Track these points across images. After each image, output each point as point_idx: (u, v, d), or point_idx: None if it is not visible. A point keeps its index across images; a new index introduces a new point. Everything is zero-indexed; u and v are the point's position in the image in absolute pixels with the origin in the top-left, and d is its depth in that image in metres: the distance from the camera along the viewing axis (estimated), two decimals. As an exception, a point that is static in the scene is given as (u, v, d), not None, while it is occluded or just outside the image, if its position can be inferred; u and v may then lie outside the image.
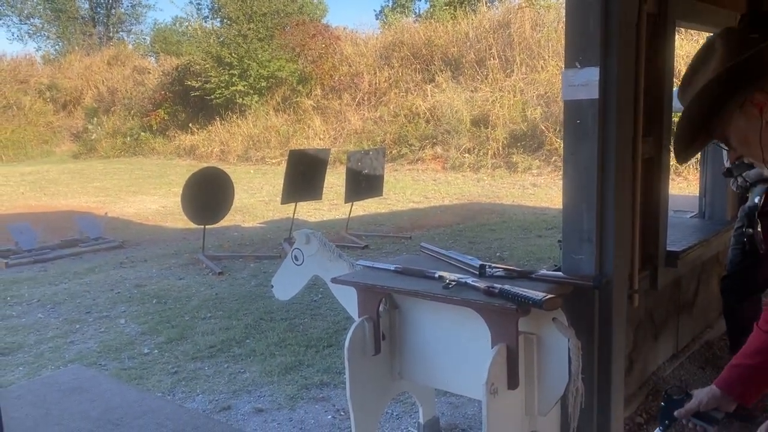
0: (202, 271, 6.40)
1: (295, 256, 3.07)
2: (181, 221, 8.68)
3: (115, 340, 4.46)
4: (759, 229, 2.77)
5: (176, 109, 21.71)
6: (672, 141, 1.36)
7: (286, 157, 7.60)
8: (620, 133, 2.42)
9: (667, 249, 3.07)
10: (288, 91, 19.71)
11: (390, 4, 28.92)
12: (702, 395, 1.48)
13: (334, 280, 2.67)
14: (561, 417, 2.36)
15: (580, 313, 2.28)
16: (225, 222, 7.79)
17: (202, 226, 7.02)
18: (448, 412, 3.16)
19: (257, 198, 11.68)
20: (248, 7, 20.83)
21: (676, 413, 1.58)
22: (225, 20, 22.16)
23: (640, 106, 2.61)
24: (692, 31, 10.08)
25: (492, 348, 2.11)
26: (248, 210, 10.31)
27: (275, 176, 14.28)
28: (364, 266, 2.77)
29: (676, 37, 5.39)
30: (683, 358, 3.45)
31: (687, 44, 11.90)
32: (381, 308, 2.57)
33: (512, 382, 2.12)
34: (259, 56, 19.68)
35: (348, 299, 2.79)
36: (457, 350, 2.38)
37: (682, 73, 1.43)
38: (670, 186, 3.11)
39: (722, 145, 1.36)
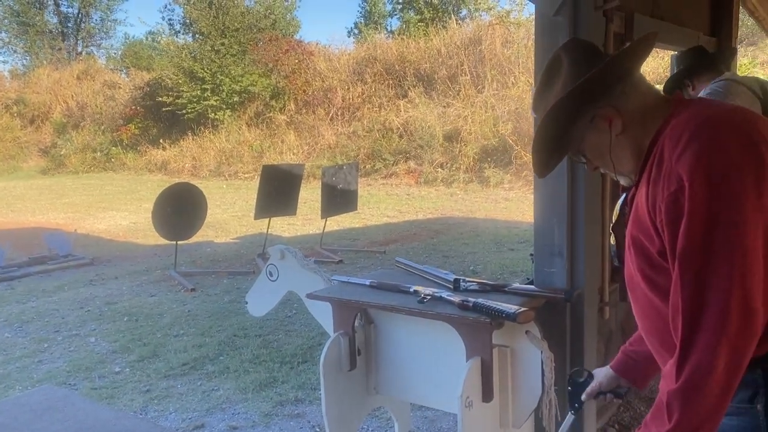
0: (174, 288, 6.32)
1: (270, 272, 3.06)
2: (153, 237, 8.58)
3: (85, 359, 4.38)
4: (613, 242, 2.71)
5: (147, 124, 21.53)
6: (532, 156, 1.40)
7: (260, 172, 7.59)
8: (589, 149, 2.48)
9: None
10: (261, 106, 19.69)
11: (363, 21, 29.14)
12: (601, 377, 1.60)
13: (309, 296, 2.66)
14: (535, 429, 2.39)
15: (552, 326, 2.32)
16: (197, 238, 7.72)
17: (174, 242, 6.95)
18: (424, 427, 3.17)
19: (230, 213, 11.60)
20: (221, 22, 20.81)
21: (583, 396, 1.71)
22: (197, 35, 22.11)
23: (607, 123, 2.68)
24: (656, 49, 10.34)
25: (467, 361, 2.13)
26: (221, 225, 10.23)
27: (248, 191, 14.21)
28: (339, 281, 2.78)
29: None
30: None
31: (653, 61, 12.21)
32: (356, 323, 2.58)
33: (487, 395, 2.14)
34: (232, 71, 19.66)
35: (323, 315, 2.79)
36: (433, 364, 2.40)
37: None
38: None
39: (578, 157, 1.37)
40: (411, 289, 2.39)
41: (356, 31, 28.67)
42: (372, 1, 28.77)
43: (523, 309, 2.02)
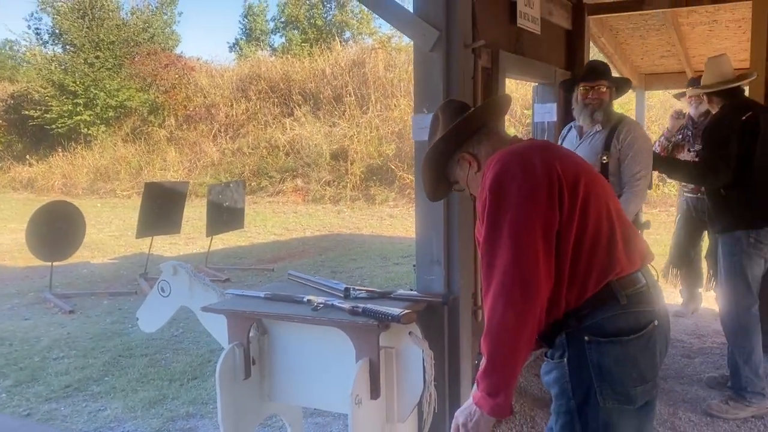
0: (50, 311, 6.03)
1: (162, 288, 3.10)
2: (22, 259, 8.11)
3: (-48, 388, 4.12)
4: None
5: (11, 138, 20.12)
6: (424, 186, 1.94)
7: (141, 190, 7.41)
8: (462, 169, 2.79)
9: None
10: (138, 121, 19.01)
11: (244, 38, 28.92)
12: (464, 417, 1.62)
13: (205, 309, 2.75)
14: (417, 422, 2.62)
15: (432, 328, 2.57)
16: (72, 259, 7.36)
17: (49, 264, 6.62)
18: (314, 431, 3.32)
19: (106, 233, 11.13)
20: (95, 34, 19.93)
21: None
22: (68, 47, 20.98)
23: (478, 146, 3.02)
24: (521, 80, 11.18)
25: (356, 362, 2.33)
26: (97, 246, 9.79)
27: (125, 210, 13.66)
28: (233, 294, 2.90)
29: (513, 83, 6.05)
30: (524, 367, 3.89)
31: (521, 88, 13.17)
32: (251, 334, 2.70)
33: (374, 393, 2.35)
34: (107, 85, 18.90)
35: (218, 328, 2.88)
36: (325, 368, 2.57)
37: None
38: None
39: (457, 186, 1.86)
40: (304, 299, 2.55)
41: (237, 48, 28.42)
42: (253, 18, 28.66)
43: (406, 311, 2.25)
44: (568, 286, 1.53)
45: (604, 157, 3.19)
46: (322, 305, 2.45)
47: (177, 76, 19.14)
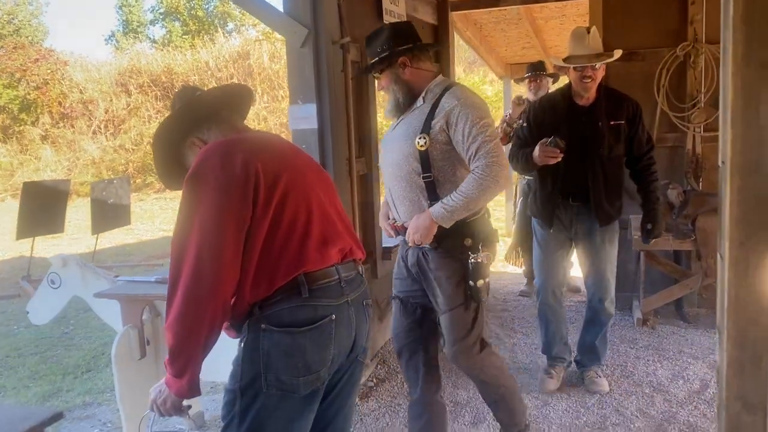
0: (-76, 319, 5.76)
1: (52, 280, 3.18)
2: None
3: None
4: None
5: None
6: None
7: (17, 192, 7.15)
8: (337, 155, 3.09)
9: (383, 246, 3.84)
10: (8, 119, 17.83)
11: (121, 29, 27.65)
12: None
13: (97, 295, 2.88)
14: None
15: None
16: (-56, 265, 7.02)
17: None
18: (212, 407, 3.50)
19: (-21, 238, 10.51)
20: (-48, 26, 18.42)
21: None
22: None
23: (351, 133, 3.32)
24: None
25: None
26: (-31, 251, 9.28)
27: (-1, 213, 12.90)
28: (124, 281, 3.04)
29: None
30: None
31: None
32: (144, 316, 2.87)
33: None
34: (-30, 81, 17.54)
35: (111, 313, 3.01)
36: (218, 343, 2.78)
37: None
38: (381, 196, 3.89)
39: None
40: (194, 279, 2.75)
41: (114, 40, 27.14)
42: (129, 9, 27.44)
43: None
44: (254, 280, 1.57)
45: (421, 141, 2.24)
46: (211, 283, 2.67)
47: (49, 71, 18.08)
